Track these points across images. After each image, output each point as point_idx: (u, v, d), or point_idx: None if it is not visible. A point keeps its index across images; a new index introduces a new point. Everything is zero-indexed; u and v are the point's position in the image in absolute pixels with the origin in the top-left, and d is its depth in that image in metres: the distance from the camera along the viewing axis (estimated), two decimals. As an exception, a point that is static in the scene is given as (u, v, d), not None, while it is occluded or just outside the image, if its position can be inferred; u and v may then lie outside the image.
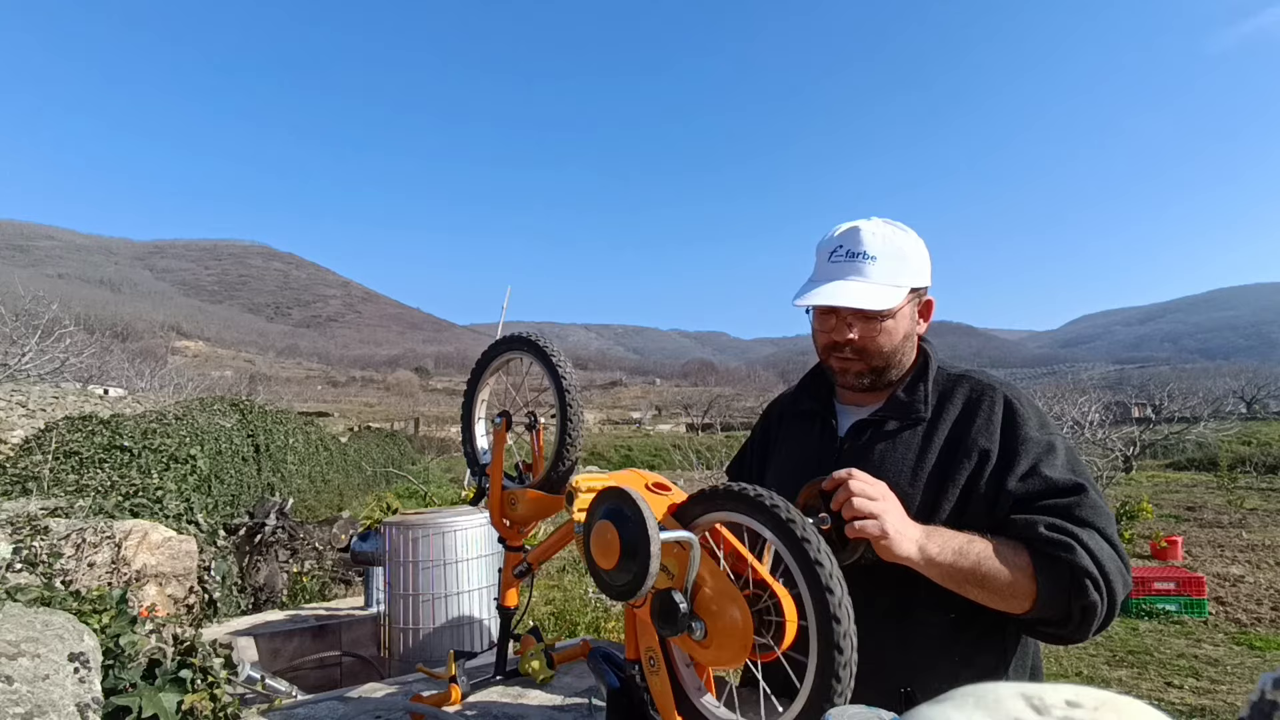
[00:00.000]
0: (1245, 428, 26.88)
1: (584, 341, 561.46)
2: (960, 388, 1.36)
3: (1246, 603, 7.20)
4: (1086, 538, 1.13)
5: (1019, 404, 1.31)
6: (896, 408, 1.38)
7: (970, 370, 1.41)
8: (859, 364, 1.38)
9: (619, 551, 0.99)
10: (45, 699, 1.12)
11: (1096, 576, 1.11)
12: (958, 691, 0.42)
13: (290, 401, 47.97)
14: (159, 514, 3.44)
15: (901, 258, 1.33)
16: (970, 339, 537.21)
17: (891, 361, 1.38)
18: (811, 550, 0.91)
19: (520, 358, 1.75)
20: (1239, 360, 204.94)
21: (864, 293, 1.29)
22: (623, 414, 70.07)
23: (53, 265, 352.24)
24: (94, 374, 21.76)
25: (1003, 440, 1.28)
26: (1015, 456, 1.25)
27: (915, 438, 1.34)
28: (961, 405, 1.34)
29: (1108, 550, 1.14)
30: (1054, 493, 1.20)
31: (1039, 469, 1.23)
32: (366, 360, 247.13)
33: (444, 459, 27.84)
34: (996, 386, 1.35)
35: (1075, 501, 1.18)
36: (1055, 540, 1.14)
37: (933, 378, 1.38)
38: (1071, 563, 1.12)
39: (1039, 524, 1.16)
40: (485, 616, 3.08)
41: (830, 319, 1.38)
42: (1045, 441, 1.26)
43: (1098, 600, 1.11)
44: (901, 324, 1.36)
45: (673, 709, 1.08)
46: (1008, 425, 1.29)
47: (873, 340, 1.35)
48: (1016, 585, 1.14)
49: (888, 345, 1.36)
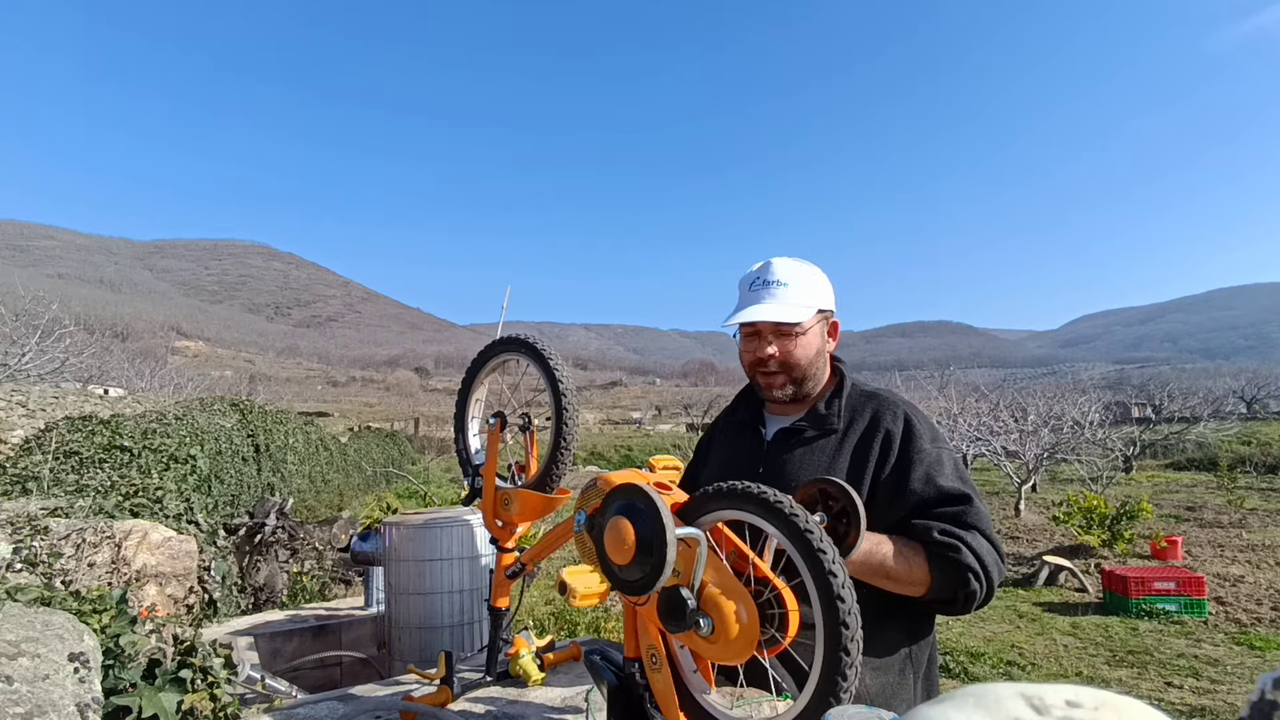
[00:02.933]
0: (1245, 428, 26.87)
1: (584, 341, 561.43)
2: (869, 404, 1.60)
3: (1246, 603, 7.20)
4: (971, 540, 1.40)
5: (916, 421, 1.56)
6: (814, 418, 1.61)
7: (879, 390, 1.66)
8: (781, 376, 1.61)
9: (634, 547, 1.00)
10: (45, 699, 1.12)
11: (978, 570, 1.38)
12: (958, 691, 0.42)
13: (290, 401, 47.96)
14: (159, 514, 3.44)
15: (808, 284, 1.59)
16: (970, 339, 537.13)
17: (808, 374, 1.62)
18: (815, 540, 0.93)
19: (516, 359, 1.76)
20: (1239, 360, 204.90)
21: (779, 311, 1.55)
22: (623, 414, 70.06)
23: (53, 265, 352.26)
24: (94, 374, 21.76)
25: (900, 450, 1.52)
26: (911, 464, 1.50)
27: (829, 445, 1.57)
28: (869, 419, 1.58)
29: (987, 547, 1.41)
30: (946, 501, 1.46)
31: (932, 478, 1.48)
32: (366, 360, 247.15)
33: (444, 459, 27.85)
34: (899, 404, 1.60)
35: (962, 510, 1.44)
36: (946, 543, 1.39)
37: (847, 394, 1.62)
38: (959, 561, 1.38)
39: (933, 529, 1.41)
40: (485, 617, 3.07)
41: (754, 339, 1.62)
42: (936, 454, 1.52)
43: (978, 589, 1.39)
44: (813, 340, 1.61)
45: (676, 706, 1.09)
46: (906, 438, 1.53)
47: (790, 354, 1.59)
48: (914, 577, 1.39)
49: (803, 358, 1.60)
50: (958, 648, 6.09)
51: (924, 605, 1.49)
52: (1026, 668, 5.68)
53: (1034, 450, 14.85)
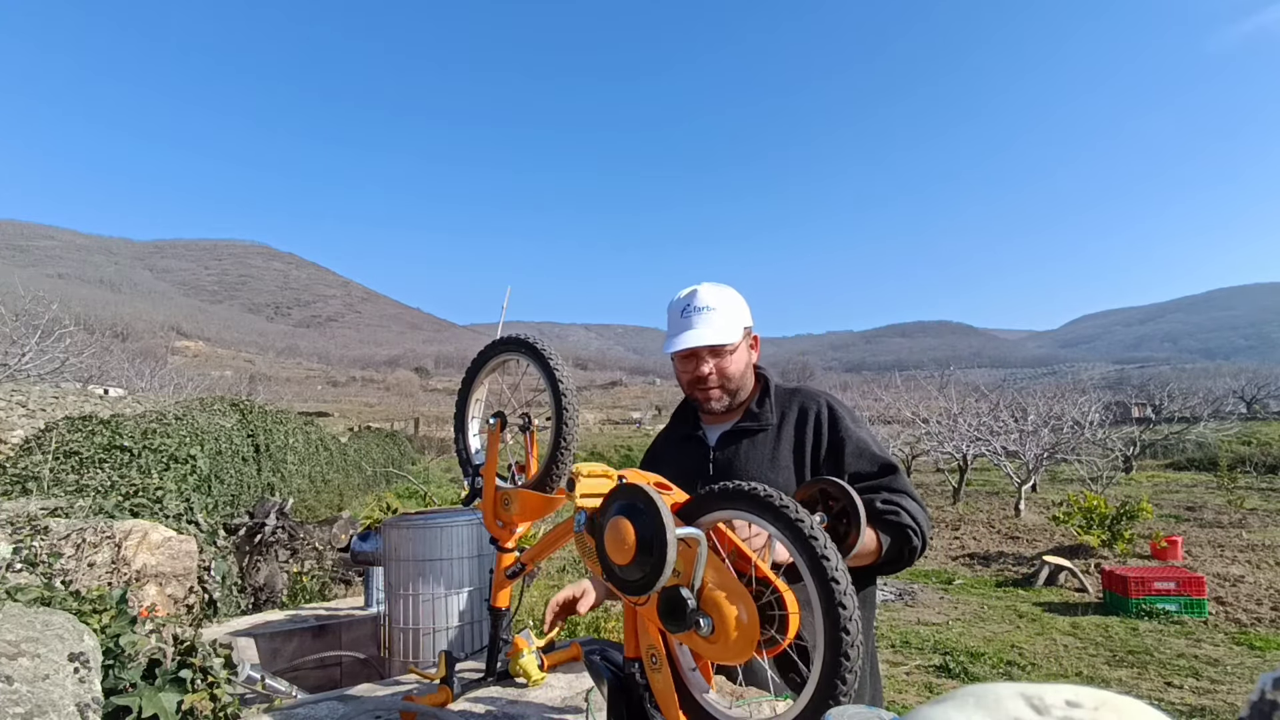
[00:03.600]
0: (1245, 428, 26.88)
1: (584, 341, 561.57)
2: (795, 398, 1.83)
3: (1246, 603, 7.20)
4: (905, 503, 1.63)
5: (837, 407, 1.80)
6: (750, 418, 1.82)
7: (800, 385, 1.89)
8: (719, 390, 1.80)
9: (634, 547, 1.00)
10: (45, 699, 1.12)
11: (915, 528, 1.61)
12: (958, 691, 0.42)
13: (290, 401, 47.97)
14: (159, 514, 3.43)
15: (731, 307, 1.78)
16: (970, 339, 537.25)
17: (740, 385, 1.83)
18: (818, 546, 0.93)
19: (516, 359, 1.76)
20: (1239, 360, 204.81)
21: (713, 335, 1.73)
22: (623, 414, 70.06)
23: (53, 265, 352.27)
24: (94, 374, 21.76)
25: (830, 432, 1.75)
26: (843, 444, 1.72)
27: (768, 438, 1.78)
28: (797, 411, 1.80)
29: (916, 508, 1.64)
30: (878, 472, 1.69)
31: (862, 452, 1.71)
32: (366, 360, 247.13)
33: (444, 459, 27.86)
34: (820, 395, 1.83)
35: (892, 480, 1.68)
36: (888, 509, 1.61)
37: (774, 394, 1.83)
38: (900, 523, 1.60)
39: (875, 500, 1.62)
40: (485, 617, 3.07)
41: (691, 360, 1.80)
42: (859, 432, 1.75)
43: (917, 544, 1.62)
44: (741, 355, 1.82)
45: (676, 706, 1.09)
46: (832, 422, 1.76)
47: (725, 370, 1.79)
48: (869, 548, 1.59)
49: (736, 373, 1.80)
50: (958, 648, 6.09)
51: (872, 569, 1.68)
52: (1026, 668, 5.68)
53: (1034, 450, 14.86)
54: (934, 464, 20.70)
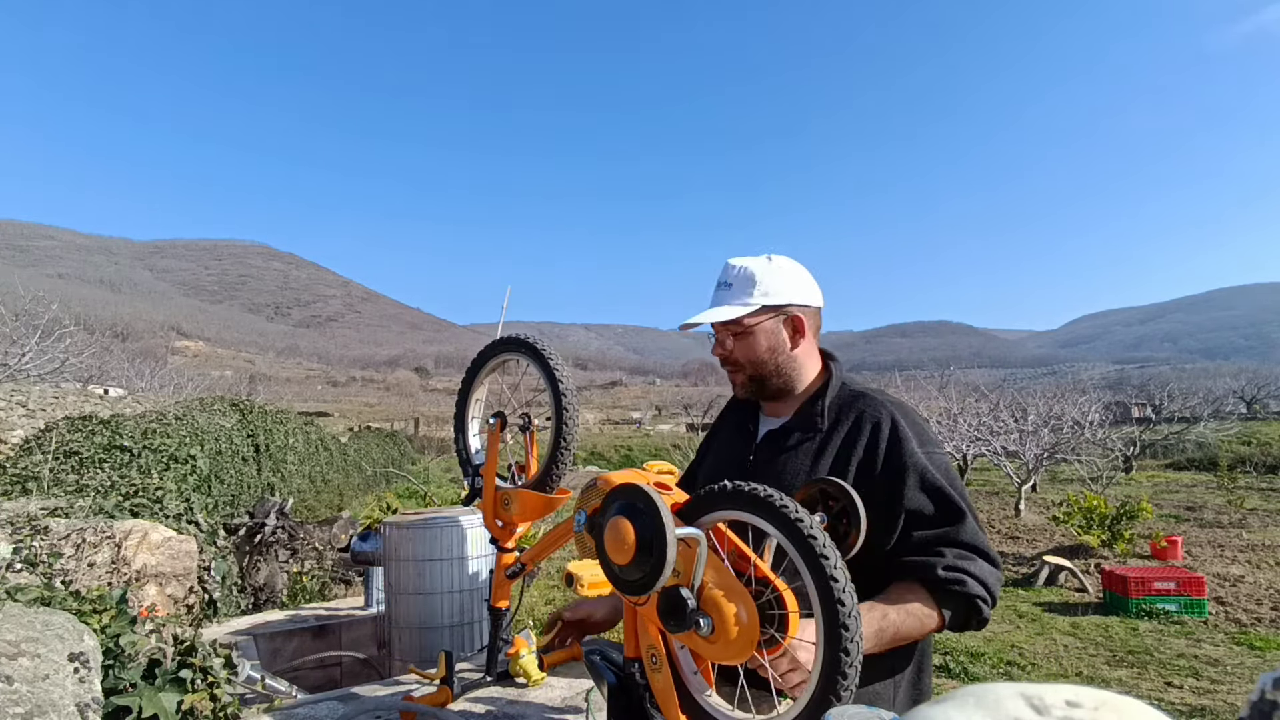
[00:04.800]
0: (1245, 428, 26.87)
1: (584, 341, 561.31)
2: (856, 404, 1.53)
3: (1246, 603, 7.20)
4: (974, 569, 1.34)
5: (903, 423, 1.47)
6: (800, 420, 1.55)
7: (869, 390, 1.57)
8: (738, 374, 1.59)
9: (634, 547, 1.00)
10: (45, 699, 1.12)
11: (985, 597, 1.35)
12: (958, 691, 0.42)
13: (290, 401, 47.94)
14: (159, 514, 3.43)
15: (752, 281, 1.52)
16: (970, 339, 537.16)
17: (763, 372, 1.56)
18: (817, 545, 0.93)
19: (516, 359, 1.76)
20: (1239, 360, 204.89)
21: (715, 312, 1.51)
22: (623, 414, 70.05)
23: (53, 265, 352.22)
24: (94, 374, 21.76)
25: (887, 454, 1.43)
26: (903, 472, 1.41)
27: (812, 447, 1.50)
28: (853, 420, 1.50)
29: (988, 570, 1.37)
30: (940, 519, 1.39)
31: (927, 486, 1.40)
32: (366, 360, 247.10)
33: (444, 459, 27.84)
34: (887, 404, 1.51)
35: (958, 531, 1.38)
36: (951, 579, 1.33)
37: (831, 394, 1.55)
38: (968, 595, 1.34)
39: (935, 566, 1.35)
40: (485, 617, 3.07)
41: (717, 339, 1.60)
42: (924, 460, 1.43)
43: (989, 615, 1.37)
44: (760, 338, 1.54)
45: (676, 706, 1.09)
46: (893, 442, 1.44)
47: (740, 352, 1.55)
48: (926, 627, 1.35)
49: (752, 357, 1.55)
50: (958, 648, 6.09)
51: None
52: (1026, 668, 5.68)
53: (1034, 450, 14.85)
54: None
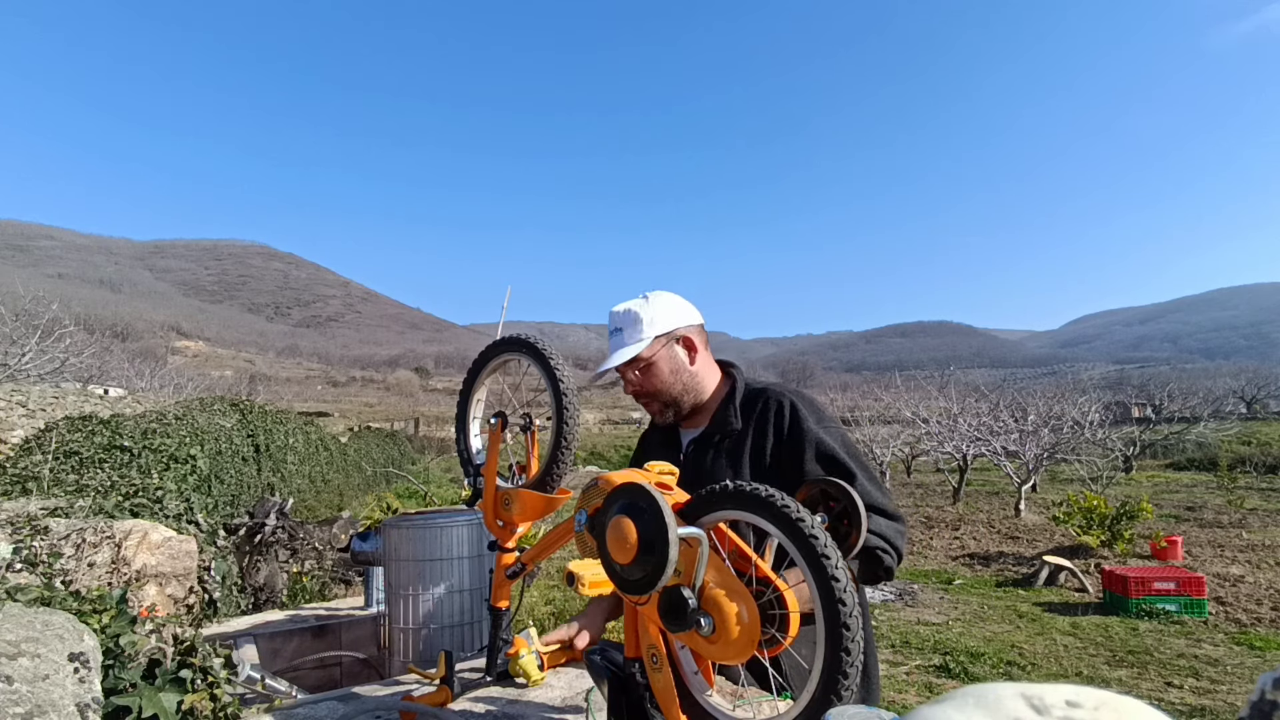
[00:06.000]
0: (1245, 428, 26.89)
1: (584, 341, 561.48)
2: (759, 398, 1.70)
3: (1246, 603, 7.20)
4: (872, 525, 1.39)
5: (801, 405, 1.66)
6: (716, 424, 1.72)
7: (769, 384, 1.75)
8: (653, 403, 1.75)
9: (636, 546, 1.00)
10: (45, 699, 1.12)
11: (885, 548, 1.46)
12: (958, 691, 0.42)
13: (290, 401, 47.95)
14: (159, 514, 3.44)
15: (638, 320, 1.68)
16: (970, 339, 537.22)
17: (674, 394, 1.73)
18: (819, 545, 0.93)
19: (517, 359, 1.76)
20: (1239, 360, 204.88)
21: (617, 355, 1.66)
22: (623, 414, 70.07)
23: (53, 265, 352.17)
24: (94, 374, 21.76)
25: (790, 432, 1.62)
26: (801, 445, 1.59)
27: (734, 444, 1.67)
28: (759, 411, 1.68)
29: (884, 523, 1.49)
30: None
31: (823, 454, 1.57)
32: (366, 360, 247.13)
33: (444, 459, 27.85)
34: (786, 394, 1.69)
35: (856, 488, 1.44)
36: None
37: (739, 396, 1.72)
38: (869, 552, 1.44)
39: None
40: (486, 617, 3.07)
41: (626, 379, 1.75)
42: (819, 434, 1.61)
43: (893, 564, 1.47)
44: (663, 365, 1.71)
45: (676, 706, 1.09)
46: (793, 421, 1.63)
47: (648, 383, 1.71)
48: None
49: (661, 384, 1.71)
50: (958, 648, 6.09)
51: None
52: (1026, 668, 5.67)
53: (1034, 450, 14.86)
54: (934, 464, 20.70)
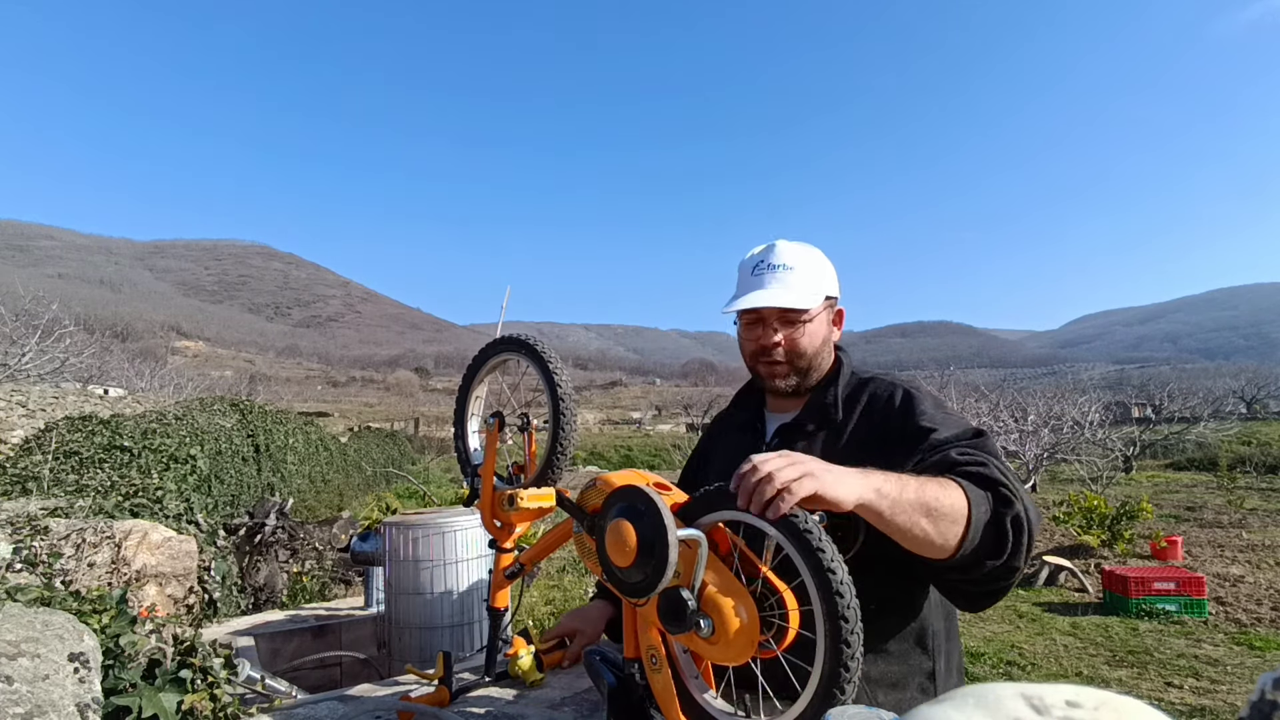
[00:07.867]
0: (1245, 428, 26.88)
1: (584, 341, 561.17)
2: (867, 388, 1.50)
3: (1246, 603, 7.19)
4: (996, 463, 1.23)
5: (917, 394, 1.45)
6: (812, 411, 1.51)
7: (879, 372, 1.55)
8: (785, 366, 1.51)
9: (635, 549, 1.00)
10: (45, 699, 1.12)
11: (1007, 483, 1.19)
12: (958, 691, 0.42)
13: (290, 401, 47.95)
14: (159, 514, 3.44)
15: (815, 268, 1.49)
16: (970, 339, 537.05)
17: (813, 364, 1.52)
18: (813, 540, 0.93)
19: (515, 359, 1.76)
20: (1239, 360, 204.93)
21: (787, 297, 1.45)
22: (623, 414, 70.06)
23: (53, 265, 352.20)
24: (94, 374, 21.76)
25: (903, 420, 1.40)
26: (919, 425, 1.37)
27: (829, 437, 1.46)
28: (866, 402, 1.47)
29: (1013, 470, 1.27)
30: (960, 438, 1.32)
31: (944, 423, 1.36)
32: (366, 360, 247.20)
33: (444, 459, 27.85)
34: (897, 383, 1.49)
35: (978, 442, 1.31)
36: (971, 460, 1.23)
37: (843, 382, 1.51)
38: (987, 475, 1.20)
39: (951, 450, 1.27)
40: (485, 617, 3.07)
41: (757, 327, 1.52)
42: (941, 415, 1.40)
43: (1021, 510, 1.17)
44: (819, 328, 1.51)
45: (676, 706, 1.09)
46: (905, 410, 1.41)
47: (796, 343, 1.49)
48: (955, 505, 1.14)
49: (809, 347, 1.50)
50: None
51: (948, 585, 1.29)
52: (1026, 668, 5.67)
53: (1034, 450, 14.86)
54: (934, 464, 20.68)
